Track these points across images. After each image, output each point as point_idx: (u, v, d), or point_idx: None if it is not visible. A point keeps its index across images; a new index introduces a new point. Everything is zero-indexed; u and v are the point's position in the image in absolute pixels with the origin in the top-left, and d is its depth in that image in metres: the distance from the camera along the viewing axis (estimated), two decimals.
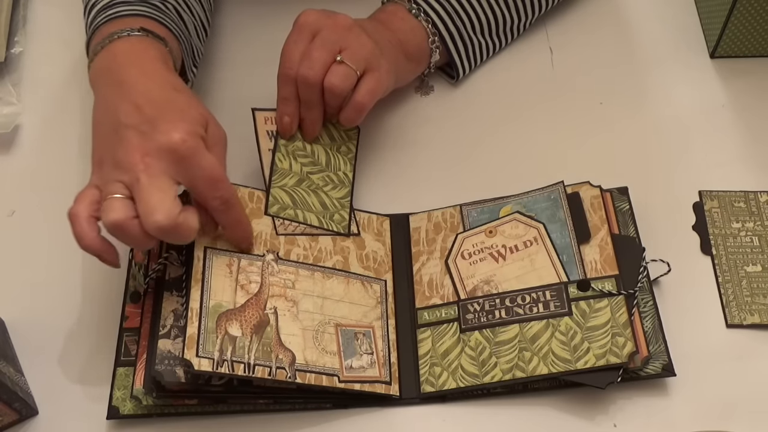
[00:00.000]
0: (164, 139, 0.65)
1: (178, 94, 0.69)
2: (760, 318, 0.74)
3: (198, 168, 0.65)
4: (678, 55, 0.91)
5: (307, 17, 0.76)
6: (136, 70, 0.70)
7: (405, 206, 0.82)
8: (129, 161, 0.65)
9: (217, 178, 0.66)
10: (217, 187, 0.67)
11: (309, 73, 0.74)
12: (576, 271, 0.73)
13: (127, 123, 0.66)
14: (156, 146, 0.65)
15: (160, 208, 0.63)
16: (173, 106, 0.67)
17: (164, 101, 0.68)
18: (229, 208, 0.68)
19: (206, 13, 0.86)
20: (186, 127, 0.65)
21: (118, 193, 0.64)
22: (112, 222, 0.64)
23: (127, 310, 0.74)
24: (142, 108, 0.67)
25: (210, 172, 0.66)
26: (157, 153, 0.65)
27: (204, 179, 0.66)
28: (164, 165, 0.65)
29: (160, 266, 0.72)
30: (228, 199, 0.68)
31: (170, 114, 0.66)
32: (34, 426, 0.72)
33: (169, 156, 0.65)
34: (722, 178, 0.82)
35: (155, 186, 0.64)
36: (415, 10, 0.84)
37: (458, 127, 0.87)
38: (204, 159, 0.65)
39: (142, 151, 0.65)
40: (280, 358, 0.68)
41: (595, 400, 0.71)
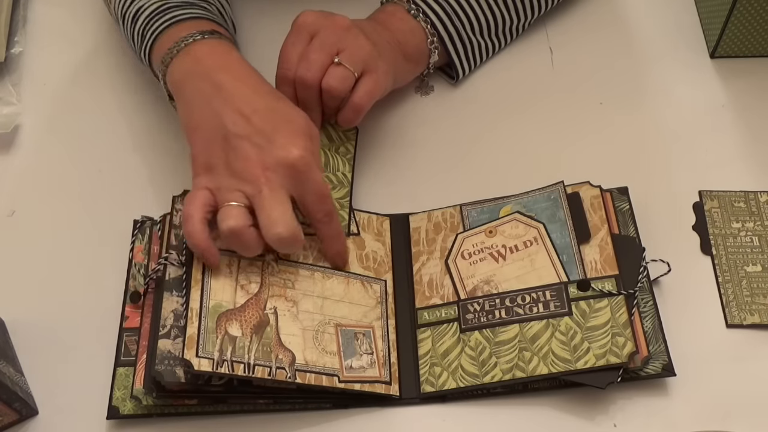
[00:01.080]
0: (283, 155, 0.68)
1: (278, 103, 0.72)
2: (760, 318, 0.74)
3: (311, 183, 0.69)
4: (678, 55, 0.91)
5: (305, 18, 0.76)
6: (228, 75, 0.72)
7: (405, 206, 0.82)
8: (250, 174, 0.68)
9: (325, 194, 0.70)
10: (325, 201, 0.71)
11: (307, 75, 0.74)
12: (576, 271, 0.73)
13: (238, 133, 0.69)
14: (275, 161, 0.68)
15: (282, 221, 0.67)
16: (281, 117, 0.70)
17: (270, 111, 0.70)
18: (331, 221, 0.72)
19: (232, 10, 0.87)
20: (302, 143, 0.68)
21: (238, 202, 0.68)
22: (231, 228, 0.67)
23: (127, 310, 0.74)
24: (250, 118, 0.69)
25: (320, 188, 0.70)
26: (276, 168, 0.68)
27: (314, 194, 0.70)
28: (282, 179, 0.68)
29: (160, 266, 0.72)
30: (331, 212, 0.72)
31: (282, 126, 0.69)
32: (34, 426, 0.72)
33: (287, 171, 0.68)
34: (722, 178, 0.82)
35: (277, 199, 0.67)
36: (414, 11, 0.84)
37: (458, 127, 0.87)
38: (316, 174, 0.69)
39: (261, 164, 0.68)
40: (280, 358, 0.68)
41: (595, 400, 0.71)
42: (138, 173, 0.85)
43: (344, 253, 0.75)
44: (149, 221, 0.78)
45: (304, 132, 0.70)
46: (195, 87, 0.72)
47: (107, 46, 0.93)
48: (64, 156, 0.87)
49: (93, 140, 0.87)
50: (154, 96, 0.88)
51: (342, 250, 0.75)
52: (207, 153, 0.70)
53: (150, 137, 0.87)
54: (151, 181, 0.84)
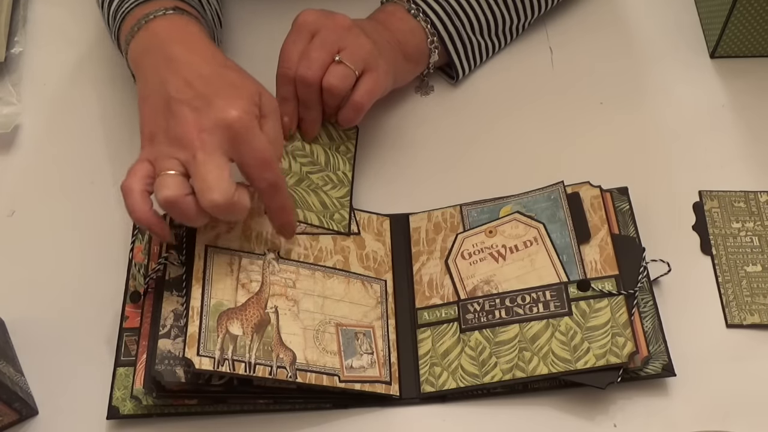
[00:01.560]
0: (220, 116, 0.65)
1: (227, 70, 0.70)
2: (760, 318, 0.74)
3: (250, 147, 0.66)
4: (678, 55, 0.91)
5: (306, 17, 0.76)
6: (181, 46, 0.70)
7: (405, 206, 0.82)
8: (185, 137, 0.65)
9: (267, 160, 0.66)
10: (266, 168, 0.67)
11: (307, 73, 0.74)
12: (576, 271, 0.73)
13: (179, 98, 0.67)
14: (212, 122, 0.65)
15: (216, 187, 0.64)
16: (225, 82, 0.68)
17: (215, 76, 0.68)
18: (276, 191, 0.68)
19: (219, 3, 0.87)
20: (242, 104, 0.66)
21: (173, 170, 0.65)
22: (166, 198, 0.64)
23: (127, 310, 0.74)
24: (192, 83, 0.67)
25: (261, 153, 0.66)
26: (212, 129, 0.65)
27: (255, 159, 0.66)
28: (219, 141, 0.65)
29: (160, 266, 0.72)
30: (275, 182, 0.68)
31: (224, 90, 0.67)
32: (34, 426, 0.72)
33: (224, 132, 0.65)
34: (722, 178, 0.82)
35: (212, 163, 0.64)
36: (414, 11, 0.84)
37: (458, 126, 0.87)
38: (257, 139, 0.66)
39: (198, 127, 0.65)
40: (280, 358, 0.68)
41: (595, 400, 0.71)
42: None
43: (290, 226, 0.71)
44: None
45: (249, 96, 0.67)
46: (149, 61, 0.71)
47: (107, 46, 0.93)
48: (64, 156, 0.87)
49: (93, 140, 0.87)
50: None
51: (288, 222, 0.71)
52: (151, 123, 0.69)
53: None
54: None
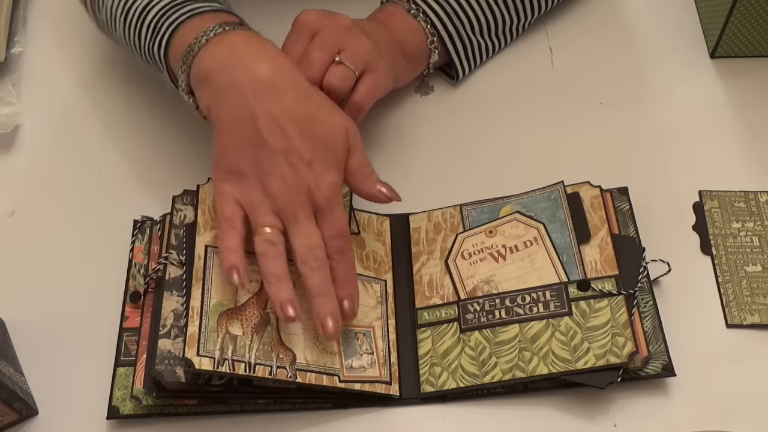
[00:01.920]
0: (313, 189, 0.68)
1: (319, 111, 0.70)
2: (760, 318, 0.74)
3: (332, 219, 0.69)
4: (678, 55, 0.91)
5: (306, 17, 0.76)
6: (270, 67, 0.69)
7: (405, 206, 0.81)
8: (287, 198, 0.67)
9: (344, 231, 0.70)
10: (343, 237, 0.69)
11: (308, 74, 0.74)
12: (576, 271, 0.73)
13: (275, 146, 0.67)
14: (306, 192, 0.68)
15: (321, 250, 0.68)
16: (319, 137, 0.69)
17: (308, 123, 0.69)
18: (342, 260, 0.70)
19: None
20: (332, 179, 0.69)
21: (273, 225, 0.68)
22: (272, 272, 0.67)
23: (127, 310, 0.74)
24: (287, 131, 0.68)
25: (340, 224, 0.69)
26: (307, 198, 0.68)
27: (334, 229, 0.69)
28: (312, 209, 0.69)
29: (160, 266, 0.72)
30: (345, 251, 0.70)
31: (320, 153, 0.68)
32: (34, 426, 0.72)
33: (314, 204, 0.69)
34: (722, 178, 0.82)
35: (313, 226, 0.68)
36: (414, 11, 0.84)
37: (458, 126, 0.87)
38: (339, 211, 0.70)
39: (297, 190, 0.68)
40: (280, 358, 0.68)
41: (595, 400, 0.71)
42: (138, 173, 0.85)
43: (352, 299, 0.70)
44: (149, 221, 0.78)
45: (337, 162, 0.70)
46: (229, 78, 0.68)
47: (107, 46, 0.93)
48: (64, 156, 0.87)
49: (93, 140, 0.87)
50: (154, 95, 0.88)
51: (353, 293, 0.71)
52: (236, 157, 0.68)
53: (150, 137, 0.87)
54: (151, 181, 0.84)
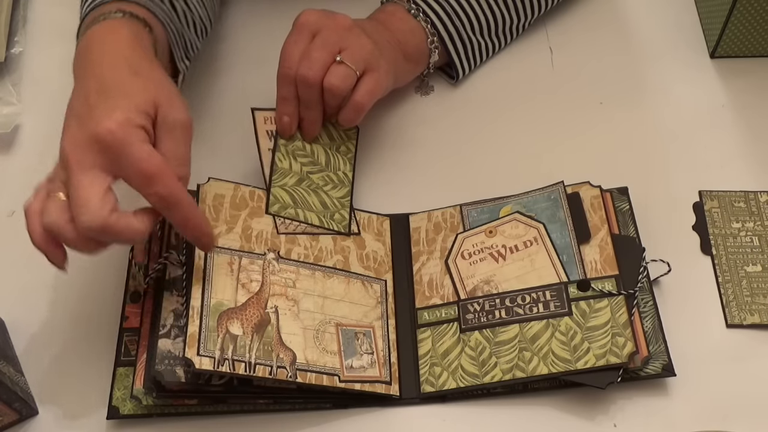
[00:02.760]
0: (93, 129, 0.60)
1: (131, 77, 0.64)
2: (760, 318, 0.74)
3: (129, 161, 0.60)
4: (678, 55, 0.91)
5: (307, 17, 0.76)
6: (99, 51, 0.66)
7: (405, 206, 0.82)
8: (64, 153, 0.61)
9: (149, 173, 0.60)
10: (152, 182, 0.61)
11: (308, 73, 0.74)
12: (576, 271, 0.73)
13: (74, 111, 0.63)
14: (87, 136, 0.60)
15: (86, 208, 0.59)
16: (119, 91, 0.62)
17: (113, 85, 0.63)
18: (171, 206, 0.62)
19: (207, 11, 0.85)
20: (119, 116, 0.60)
21: (58, 191, 0.61)
22: (46, 225, 0.61)
23: (127, 310, 0.74)
24: (89, 95, 0.62)
25: (141, 165, 0.60)
26: (87, 144, 0.60)
27: (135, 173, 0.60)
28: (95, 157, 0.60)
29: (160, 266, 0.72)
30: (166, 196, 0.61)
31: (111, 100, 0.61)
32: (34, 426, 0.72)
33: (97, 147, 0.60)
34: (722, 178, 0.82)
35: (85, 181, 0.60)
36: (414, 11, 0.84)
37: (458, 126, 0.87)
38: (135, 151, 0.60)
39: (74, 142, 0.61)
40: (281, 358, 0.68)
41: (595, 400, 0.71)
42: None
43: (204, 239, 0.65)
44: None
45: (136, 106, 0.61)
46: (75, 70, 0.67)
47: None
48: None
49: None
50: None
51: (199, 236, 0.65)
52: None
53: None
54: None
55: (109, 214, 0.60)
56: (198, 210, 0.66)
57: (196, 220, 0.65)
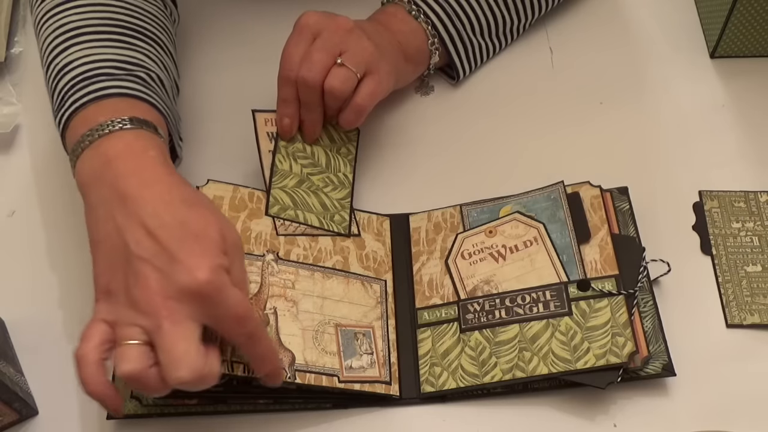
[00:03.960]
0: (187, 280, 0.58)
1: (189, 211, 0.62)
2: (760, 318, 0.74)
3: (224, 308, 0.60)
4: (678, 55, 0.91)
5: (307, 19, 0.76)
6: (137, 181, 0.63)
7: (405, 206, 0.82)
8: (149, 305, 0.59)
9: (243, 316, 0.60)
10: (244, 324, 0.61)
11: (309, 75, 0.74)
12: (576, 271, 0.73)
13: (141, 255, 0.60)
14: (178, 288, 0.58)
15: (185, 363, 0.58)
16: (189, 232, 0.61)
17: (177, 225, 0.61)
18: (255, 342, 0.62)
19: (176, 66, 0.81)
20: (209, 263, 0.59)
21: (136, 339, 0.59)
22: (128, 373, 0.59)
23: None
24: (154, 235, 0.60)
25: (236, 311, 0.60)
26: (179, 296, 0.59)
27: (230, 318, 0.60)
28: (188, 309, 0.59)
29: None
30: (254, 333, 0.62)
31: (188, 245, 0.60)
32: (34, 426, 0.72)
33: (193, 299, 0.59)
34: (722, 178, 0.82)
35: (180, 335, 0.58)
36: (415, 12, 0.84)
37: (458, 127, 0.87)
38: (230, 297, 0.60)
39: (163, 294, 0.59)
40: (280, 359, 0.68)
41: (595, 400, 0.71)
42: None
43: (276, 373, 0.65)
44: None
45: (215, 247, 0.60)
46: (99, 194, 0.64)
47: None
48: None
49: None
50: None
51: (273, 371, 0.65)
52: (108, 275, 0.62)
53: None
54: None
55: (203, 367, 0.59)
56: (272, 345, 0.66)
57: (272, 355, 0.65)
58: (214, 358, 0.60)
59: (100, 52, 0.72)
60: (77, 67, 0.71)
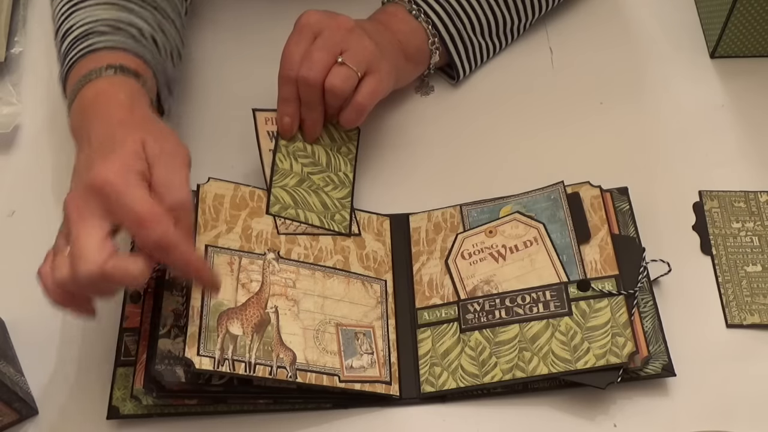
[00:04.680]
0: (89, 179, 0.61)
1: (118, 128, 0.65)
2: (760, 318, 0.74)
3: (122, 206, 0.60)
4: (678, 55, 0.91)
5: (308, 18, 0.76)
6: (98, 122, 0.67)
7: (405, 206, 0.82)
8: (67, 208, 0.62)
9: (142, 217, 0.60)
10: (145, 226, 0.60)
11: (310, 74, 0.74)
12: (576, 271, 0.73)
13: (75, 170, 0.65)
14: (85, 187, 0.61)
15: (84, 256, 0.59)
16: (111, 141, 0.64)
17: (107, 138, 0.64)
18: (167, 250, 0.61)
19: (180, 34, 0.83)
20: (116, 163, 0.61)
21: (65, 248, 0.62)
22: (57, 282, 0.61)
23: (127, 310, 0.74)
24: (88, 155, 0.64)
25: (135, 210, 0.60)
26: (85, 194, 0.61)
27: (130, 219, 0.60)
28: (93, 207, 0.61)
29: (161, 266, 0.72)
30: (160, 239, 0.60)
31: (104, 154, 0.63)
32: (34, 426, 0.72)
33: (96, 196, 0.61)
34: (722, 178, 0.82)
35: (83, 230, 0.60)
36: (415, 11, 0.84)
37: (458, 127, 0.87)
38: (130, 195, 0.60)
39: (74, 194, 0.62)
40: (281, 358, 0.68)
41: (595, 400, 0.71)
42: None
43: (205, 280, 0.66)
44: None
45: (126, 153, 0.62)
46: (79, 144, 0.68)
47: None
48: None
49: None
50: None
51: (201, 277, 0.65)
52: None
53: None
54: None
55: (105, 261, 0.59)
56: (195, 254, 0.65)
57: (195, 263, 0.64)
58: (131, 261, 0.60)
59: (97, 14, 0.76)
60: (76, 29, 0.75)
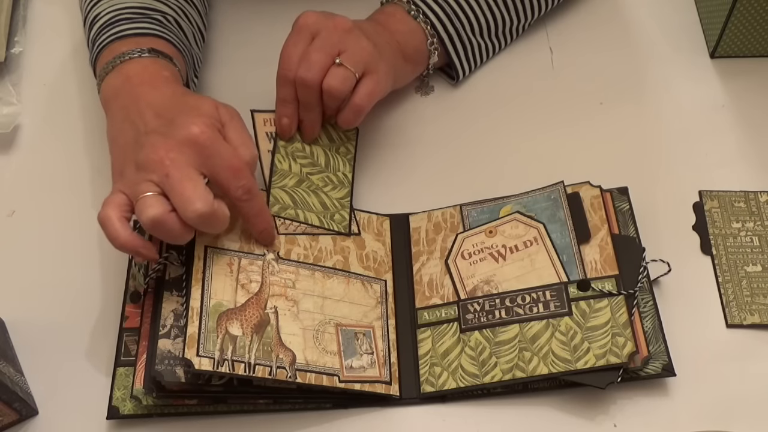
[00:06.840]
0: (184, 133, 0.67)
1: (188, 96, 0.72)
2: (760, 318, 0.74)
3: (219, 157, 0.67)
4: (678, 55, 0.91)
5: (306, 19, 0.76)
6: (149, 87, 0.73)
7: (405, 206, 0.82)
8: (154, 160, 0.66)
9: (238, 167, 0.68)
10: (239, 175, 0.68)
11: (308, 75, 0.74)
12: (576, 271, 0.73)
13: (148, 129, 0.69)
14: (177, 141, 0.66)
15: (196, 197, 0.65)
16: (187, 106, 0.70)
17: (175, 104, 0.71)
18: (252, 197, 0.69)
19: (202, 17, 0.87)
20: (202, 120, 0.67)
21: (150, 191, 0.66)
22: (152, 218, 0.65)
23: (127, 310, 0.74)
24: (160, 114, 0.70)
25: (231, 161, 0.67)
26: (179, 147, 0.66)
27: (226, 168, 0.67)
28: (188, 157, 0.66)
29: (160, 266, 0.72)
30: (250, 188, 0.69)
31: (185, 112, 0.69)
32: (34, 426, 0.72)
33: (190, 148, 0.66)
34: (722, 178, 0.82)
35: (186, 177, 0.66)
36: (414, 12, 0.84)
37: (458, 126, 0.87)
38: (223, 148, 0.68)
39: (165, 148, 0.66)
40: (280, 358, 0.68)
41: (595, 400, 0.71)
42: None
43: (270, 231, 0.73)
44: None
45: (207, 112, 0.69)
46: (119, 104, 0.73)
47: None
48: (64, 156, 0.87)
49: (92, 140, 0.87)
50: None
51: (267, 228, 0.73)
52: (120, 162, 0.71)
53: None
54: None
55: (213, 202, 0.66)
56: (266, 205, 0.73)
57: (266, 214, 0.72)
58: (222, 203, 0.67)
59: (123, 2, 0.81)
60: (103, 16, 0.80)
